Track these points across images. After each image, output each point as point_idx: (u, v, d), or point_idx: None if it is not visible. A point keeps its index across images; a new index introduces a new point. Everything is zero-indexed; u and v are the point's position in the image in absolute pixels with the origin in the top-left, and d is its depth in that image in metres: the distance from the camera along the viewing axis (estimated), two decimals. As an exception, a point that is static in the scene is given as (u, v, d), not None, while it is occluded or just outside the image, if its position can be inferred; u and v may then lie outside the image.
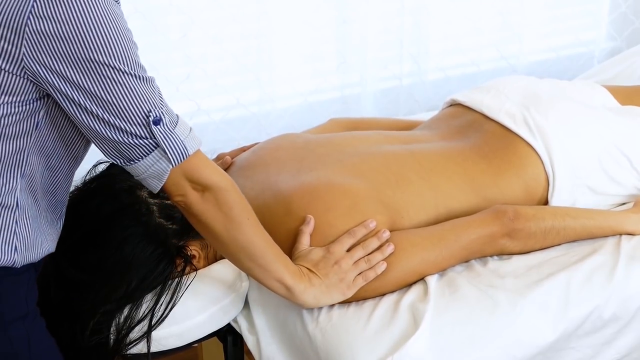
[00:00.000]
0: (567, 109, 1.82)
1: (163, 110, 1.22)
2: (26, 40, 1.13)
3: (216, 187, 1.31)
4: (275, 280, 1.42)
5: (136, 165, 1.24)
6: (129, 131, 1.20)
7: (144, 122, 1.20)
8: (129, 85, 1.18)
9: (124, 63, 1.16)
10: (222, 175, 1.34)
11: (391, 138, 1.81)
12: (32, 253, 1.27)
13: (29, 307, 1.28)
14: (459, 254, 1.57)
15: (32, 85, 1.17)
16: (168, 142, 1.23)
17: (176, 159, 1.24)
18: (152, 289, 1.48)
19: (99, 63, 1.15)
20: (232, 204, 1.34)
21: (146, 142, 1.22)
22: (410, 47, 2.61)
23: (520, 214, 1.60)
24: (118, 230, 1.44)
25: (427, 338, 1.42)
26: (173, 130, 1.23)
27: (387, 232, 1.52)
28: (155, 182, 1.27)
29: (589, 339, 1.54)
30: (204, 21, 2.28)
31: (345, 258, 1.48)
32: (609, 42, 2.96)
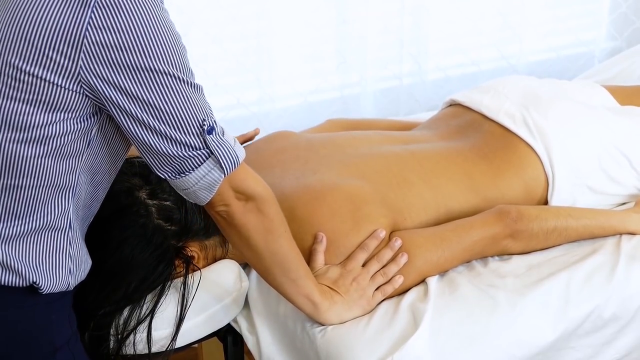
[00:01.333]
0: (567, 109, 1.82)
1: (214, 119, 1.21)
2: (84, 52, 1.11)
3: (259, 197, 1.30)
4: (304, 296, 1.42)
5: (187, 178, 1.22)
6: (184, 142, 1.18)
7: (199, 131, 1.19)
8: (184, 92, 1.16)
9: (178, 69, 1.15)
10: (265, 186, 1.32)
11: (391, 138, 1.81)
12: (81, 272, 1.27)
13: (72, 329, 1.28)
14: (461, 255, 1.57)
15: (87, 100, 1.16)
16: (221, 151, 1.21)
17: (229, 167, 1.22)
18: (151, 290, 1.47)
19: (155, 71, 1.13)
20: (272, 216, 1.34)
21: (199, 152, 1.20)
22: (410, 47, 2.61)
23: (523, 215, 1.60)
24: (117, 231, 1.44)
25: (427, 338, 1.42)
26: (223, 138, 1.22)
27: (399, 241, 1.52)
28: (206, 193, 1.25)
29: (589, 339, 1.55)
30: (204, 21, 2.28)
31: (362, 274, 1.49)
32: (609, 42, 2.96)
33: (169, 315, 1.48)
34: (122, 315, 1.45)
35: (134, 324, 1.45)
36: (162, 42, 1.13)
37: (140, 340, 1.45)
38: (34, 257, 1.20)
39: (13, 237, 1.19)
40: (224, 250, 1.60)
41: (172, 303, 1.49)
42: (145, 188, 1.49)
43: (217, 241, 1.58)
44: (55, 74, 1.12)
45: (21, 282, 1.19)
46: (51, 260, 1.22)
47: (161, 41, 1.13)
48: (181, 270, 1.51)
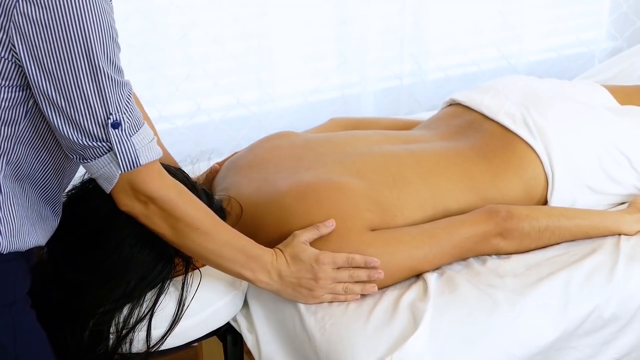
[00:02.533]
0: (567, 109, 1.82)
1: (126, 115, 1.24)
2: (13, 23, 1.14)
3: (160, 200, 1.34)
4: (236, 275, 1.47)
5: (89, 165, 1.27)
6: (86, 130, 1.22)
7: (103, 122, 1.22)
8: (99, 81, 1.19)
9: (100, 59, 1.18)
10: (169, 188, 1.36)
11: (391, 138, 1.81)
12: (17, 241, 1.27)
13: (17, 295, 1.28)
14: (450, 251, 1.57)
15: (19, 69, 1.18)
16: (121, 148, 1.25)
17: (126, 165, 1.27)
18: (151, 289, 1.47)
19: (78, 54, 1.16)
20: (178, 216, 1.37)
21: (100, 144, 1.24)
22: (410, 46, 2.61)
23: (513, 214, 1.60)
24: (116, 230, 1.44)
25: (426, 337, 1.42)
26: (130, 137, 1.25)
27: (381, 274, 1.49)
28: (106, 184, 1.30)
29: (589, 339, 1.54)
30: (204, 21, 2.28)
31: (328, 278, 1.47)
32: (609, 42, 2.96)
33: (169, 314, 1.48)
34: (122, 313, 1.45)
35: (133, 323, 1.45)
36: (89, 28, 1.16)
37: (139, 338, 1.45)
38: None
39: None
40: (224, 249, 1.60)
41: (171, 302, 1.49)
42: None
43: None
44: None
45: None
46: None
47: (89, 27, 1.16)
48: (181, 269, 1.51)
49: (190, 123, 2.37)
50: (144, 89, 2.20)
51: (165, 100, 2.30)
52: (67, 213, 1.44)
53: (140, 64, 2.23)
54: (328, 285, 1.48)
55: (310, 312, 1.50)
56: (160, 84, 2.28)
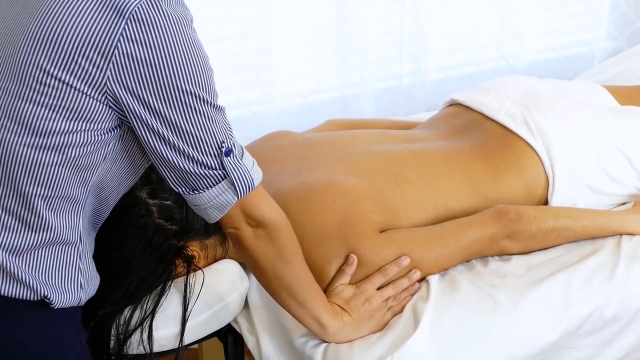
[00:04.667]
0: (567, 108, 1.82)
1: (233, 141, 1.22)
2: (113, 63, 1.11)
3: (271, 225, 1.31)
4: (312, 318, 1.42)
5: (200, 195, 1.23)
6: (201, 161, 1.19)
7: (217, 152, 1.20)
8: (207, 114, 1.17)
9: (205, 91, 1.16)
10: (279, 213, 1.33)
11: (392, 137, 1.81)
12: (92, 287, 1.26)
13: (82, 344, 1.27)
14: (459, 254, 1.57)
15: (110, 112, 1.16)
16: (237, 174, 1.22)
17: (243, 191, 1.23)
18: (152, 290, 1.47)
19: (182, 90, 1.14)
20: (284, 243, 1.34)
21: (216, 172, 1.21)
22: (410, 47, 2.61)
23: (522, 216, 1.60)
24: (117, 231, 1.44)
25: (427, 337, 1.42)
26: (241, 161, 1.23)
27: (418, 273, 1.52)
28: (217, 213, 1.26)
29: (589, 339, 1.54)
30: (204, 21, 2.26)
31: (376, 296, 1.48)
32: (609, 42, 2.96)
33: (170, 315, 1.48)
34: (123, 315, 1.45)
35: (134, 324, 1.45)
36: (191, 62, 1.14)
37: (141, 340, 1.45)
38: (45, 271, 1.19)
39: (25, 249, 1.18)
40: (224, 249, 1.59)
41: (173, 302, 1.48)
42: (146, 187, 1.49)
43: (218, 240, 1.58)
44: (82, 82, 1.12)
45: (33, 296, 1.18)
46: (62, 275, 1.21)
47: (190, 61, 1.14)
48: (182, 270, 1.51)
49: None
50: (144, 89, 2.19)
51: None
52: None
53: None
54: (381, 305, 1.47)
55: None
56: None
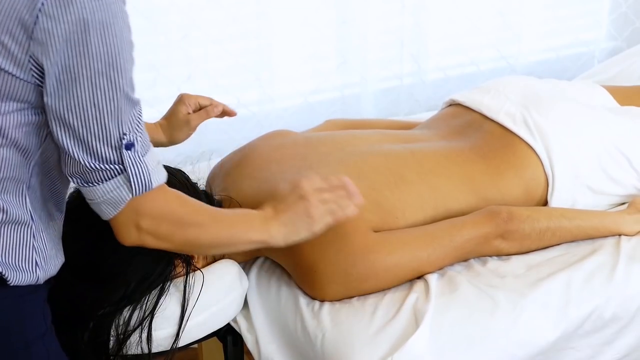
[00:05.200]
0: (567, 109, 1.82)
1: (138, 135, 1.20)
2: (34, 40, 1.10)
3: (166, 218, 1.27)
4: (249, 244, 1.38)
5: (94, 189, 1.21)
6: (99, 152, 1.17)
7: (117, 144, 1.17)
8: (117, 102, 1.15)
9: (118, 76, 1.14)
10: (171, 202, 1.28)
11: (391, 137, 1.81)
12: (51, 266, 1.25)
13: (47, 324, 1.27)
14: (452, 253, 1.57)
15: (39, 91, 1.15)
16: (135, 170, 1.20)
17: (138, 188, 1.21)
18: (151, 290, 1.47)
19: (94, 70, 1.12)
20: (185, 224, 1.30)
21: (112, 166, 1.19)
22: (410, 47, 2.61)
23: (514, 216, 1.60)
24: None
25: (427, 338, 1.42)
26: (142, 158, 1.20)
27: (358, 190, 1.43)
28: (110, 209, 1.23)
29: (589, 339, 1.54)
30: (205, 21, 2.27)
31: (313, 194, 1.40)
32: (609, 42, 2.96)
33: (169, 315, 1.48)
34: (122, 315, 1.45)
35: (134, 324, 1.45)
36: (107, 43, 1.12)
37: (140, 340, 1.45)
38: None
39: None
40: (224, 249, 1.59)
41: (172, 303, 1.48)
42: None
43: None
44: (7, 61, 1.12)
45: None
46: (16, 253, 1.20)
47: (107, 42, 1.12)
48: (181, 270, 1.51)
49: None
50: (145, 89, 2.19)
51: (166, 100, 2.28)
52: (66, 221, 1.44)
53: (141, 65, 2.19)
54: (320, 204, 1.39)
55: (312, 311, 1.49)
56: (160, 84, 2.27)
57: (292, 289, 1.57)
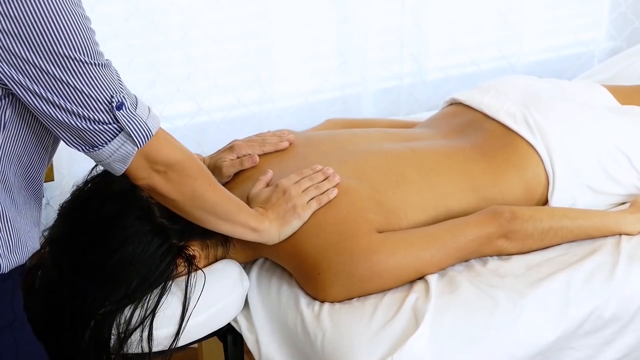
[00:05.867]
0: (567, 108, 1.82)
1: (124, 94, 1.22)
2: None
3: (177, 164, 1.33)
4: (242, 227, 1.48)
5: (100, 151, 1.24)
6: (93, 118, 1.19)
7: (107, 107, 1.20)
8: (89, 74, 1.16)
9: (82, 53, 1.15)
10: (182, 151, 1.35)
11: (392, 136, 1.81)
12: (16, 255, 1.25)
13: (16, 313, 1.26)
14: (455, 254, 1.57)
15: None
16: (132, 125, 1.23)
17: (141, 140, 1.25)
18: (153, 289, 1.47)
19: (57, 53, 1.13)
20: (195, 177, 1.37)
21: (110, 127, 1.21)
22: (410, 46, 2.61)
23: (516, 215, 1.60)
24: (119, 230, 1.44)
25: (427, 337, 1.42)
26: (135, 112, 1.23)
27: (332, 169, 1.59)
28: (120, 165, 1.27)
29: (589, 339, 1.54)
30: (205, 21, 2.27)
31: (294, 186, 1.55)
32: (609, 42, 2.96)
33: (171, 314, 1.48)
34: (124, 314, 1.45)
35: (135, 323, 1.44)
36: (61, 24, 1.12)
37: (141, 339, 1.45)
38: None
39: None
40: (225, 249, 1.59)
41: (173, 302, 1.48)
42: None
43: (218, 240, 1.58)
44: None
45: None
46: None
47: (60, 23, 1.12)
48: (182, 270, 1.51)
49: (191, 123, 2.36)
50: (145, 89, 2.19)
51: (166, 100, 2.29)
52: (70, 216, 1.44)
53: (141, 64, 2.22)
54: (301, 194, 1.54)
55: (312, 311, 1.49)
56: (160, 84, 2.27)
57: (292, 288, 1.57)
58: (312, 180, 1.57)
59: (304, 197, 1.54)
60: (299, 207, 1.52)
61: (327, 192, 1.55)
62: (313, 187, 1.55)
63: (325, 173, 1.59)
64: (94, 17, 1.22)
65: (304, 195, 1.54)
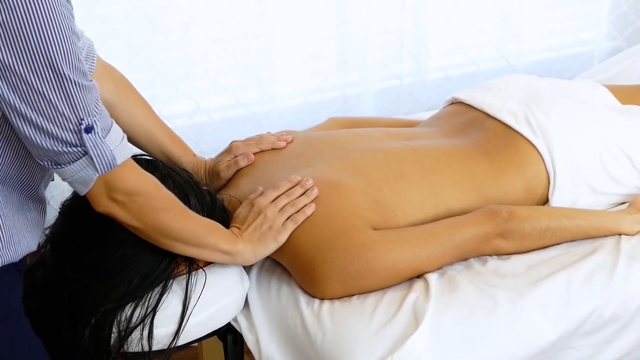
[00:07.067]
0: (569, 107, 1.82)
1: (96, 118, 1.22)
2: None
3: (138, 195, 1.33)
4: (211, 250, 1.47)
5: (63, 170, 1.25)
6: (59, 137, 1.20)
7: (75, 128, 1.20)
8: (66, 89, 1.17)
9: (66, 67, 1.15)
10: (144, 181, 1.35)
11: (392, 134, 1.81)
12: (9, 252, 1.26)
13: (12, 308, 1.27)
14: (452, 252, 1.57)
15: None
16: (96, 151, 1.23)
17: (102, 167, 1.25)
18: (153, 288, 1.47)
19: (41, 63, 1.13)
20: (157, 207, 1.36)
21: (75, 149, 1.22)
22: (410, 46, 2.61)
23: (514, 215, 1.60)
24: (119, 228, 1.44)
25: (427, 337, 1.42)
26: (103, 139, 1.24)
27: (310, 180, 1.57)
28: (82, 187, 1.28)
29: (589, 339, 1.54)
30: (204, 21, 2.28)
31: (270, 207, 1.54)
32: (609, 42, 2.96)
33: (171, 313, 1.47)
34: (124, 312, 1.45)
35: (135, 321, 1.45)
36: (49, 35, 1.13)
37: (142, 337, 1.45)
38: None
39: None
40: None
41: (174, 301, 1.48)
42: None
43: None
44: None
45: None
46: None
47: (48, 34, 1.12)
48: (183, 269, 1.51)
49: (190, 123, 2.36)
50: (144, 88, 2.19)
51: (165, 100, 2.30)
52: (70, 214, 1.44)
53: (140, 64, 2.23)
54: (277, 212, 1.53)
55: (312, 311, 1.49)
56: (160, 83, 2.28)
57: (292, 288, 1.57)
58: (289, 197, 1.55)
59: (280, 218, 1.52)
60: (274, 229, 1.51)
61: (303, 210, 1.53)
62: (289, 204, 1.54)
63: (304, 186, 1.56)
64: (93, 16, 1.22)
65: (280, 216, 1.52)
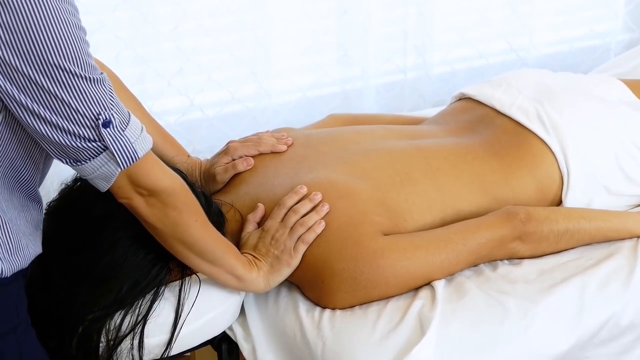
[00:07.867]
0: (583, 104, 1.82)
1: (113, 111, 1.23)
2: None
3: (163, 193, 1.33)
4: (226, 273, 1.49)
5: (84, 167, 1.26)
6: (77, 134, 1.21)
7: (93, 124, 1.21)
8: (79, 87, 1.18)
9: (72, 63, 1.16)
10: (171, 179, 1.36)
11: (397, 133, 1.81)
12: (18, 259, 1.27)
13: (20, 317, 1.29)
14: (466, 258, 1.57)
15: None
16: (117, 146, 1.24)
17: (125, 162, 1.26)
18: (144, 295, 1.47)
19: (48, 64, 1.14)
20: (180, 209, 1.37)
21: (94, 144, 1.23)
22: (414, 39, 2.61)
23: (532, 216, 1.60)
24: (109, 232, 1.44)
25: (432, 346, 1.42)
26: (123, 132, 1.24)
27: (319, 195, 1.57)
28: (103, 183, 1.29)
29: (605, 348, 1.55)
30: (197, 12, 2.28)
31: (279, 229, 1.55)
32: (625, 34, 2.96)
33: (163, 321, 1.48)
34: (113, 320, 1.45)
35: (125, 330, 1.45)
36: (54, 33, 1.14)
37: (132, 347, 1.45)
38: None
39: None
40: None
41: (166, 308, 1.48)
42: None
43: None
44: None
45: None
46: None
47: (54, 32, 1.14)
48: (176, 275, 1.51)
49: (183, 119, 2.36)
50: (133, 83, 2.20)
51: (156, 95, 2.30)
52: (58, 217, 1.44)
53: (129, 57, 2.23)
54: (288, 239, 1.53)
55: (312, 319, 1.50)
56: (150, 78, 2.28)
57: (291, 295, 1.57)
58: (297, 214, 1.55)
59: (291, 239, 1.53)
60: (286, 253, 1.53)
61: (313, 228, 1.53)
62: (299, 224, 1.54)
63: (313, 200, 1.56)
64: (80, 7, 1.22)
65: (290, 237, 1.53)
